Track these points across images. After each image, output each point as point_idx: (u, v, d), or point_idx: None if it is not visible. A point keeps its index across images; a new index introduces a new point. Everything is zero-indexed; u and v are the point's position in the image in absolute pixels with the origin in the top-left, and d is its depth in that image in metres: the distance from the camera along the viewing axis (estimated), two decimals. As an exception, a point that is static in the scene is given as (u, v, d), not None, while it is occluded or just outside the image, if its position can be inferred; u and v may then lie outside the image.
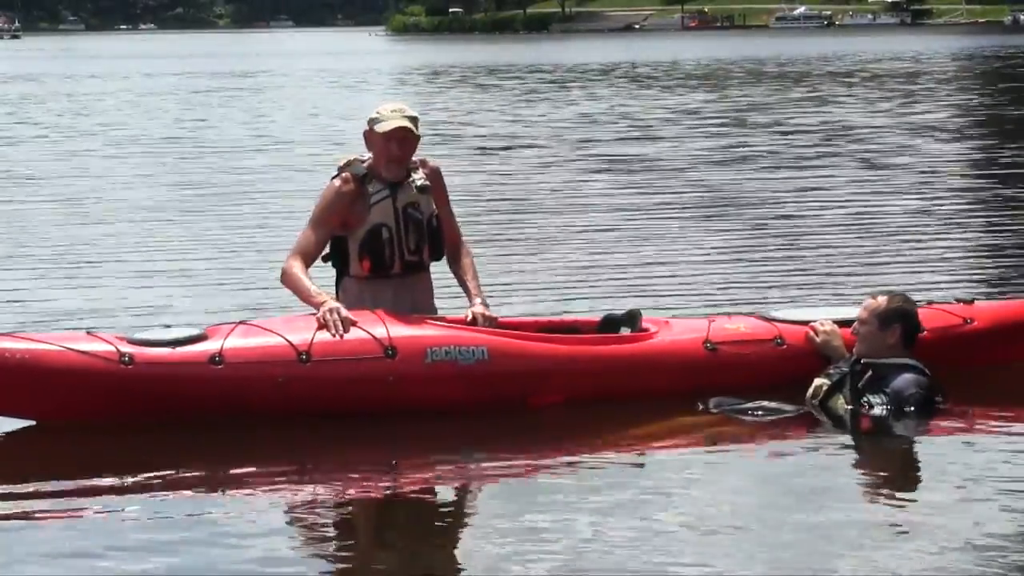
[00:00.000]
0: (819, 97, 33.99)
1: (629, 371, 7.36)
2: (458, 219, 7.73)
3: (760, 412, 7.15)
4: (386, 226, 7.39)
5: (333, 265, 7.55)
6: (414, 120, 7.43)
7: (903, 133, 23.90)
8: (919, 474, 6.54)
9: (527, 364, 7.23)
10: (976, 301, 8.08)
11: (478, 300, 7.51)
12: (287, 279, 7.34)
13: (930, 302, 8.18)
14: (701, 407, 7.21)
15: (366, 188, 7.38)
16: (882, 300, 7.20)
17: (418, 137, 7.46)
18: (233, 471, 6.57)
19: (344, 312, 7.13)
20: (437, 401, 7.13)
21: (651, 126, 26.09)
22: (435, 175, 7.56)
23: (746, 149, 21.39)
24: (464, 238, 7.76)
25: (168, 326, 7.51)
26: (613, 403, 7.22)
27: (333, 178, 7.47)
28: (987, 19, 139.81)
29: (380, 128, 7.39)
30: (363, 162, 7.48)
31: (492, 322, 7.44)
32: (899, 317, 7.14)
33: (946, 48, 71.44)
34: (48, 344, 7.01)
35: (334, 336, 7.07)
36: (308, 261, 7.36)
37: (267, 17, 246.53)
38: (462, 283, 7.63)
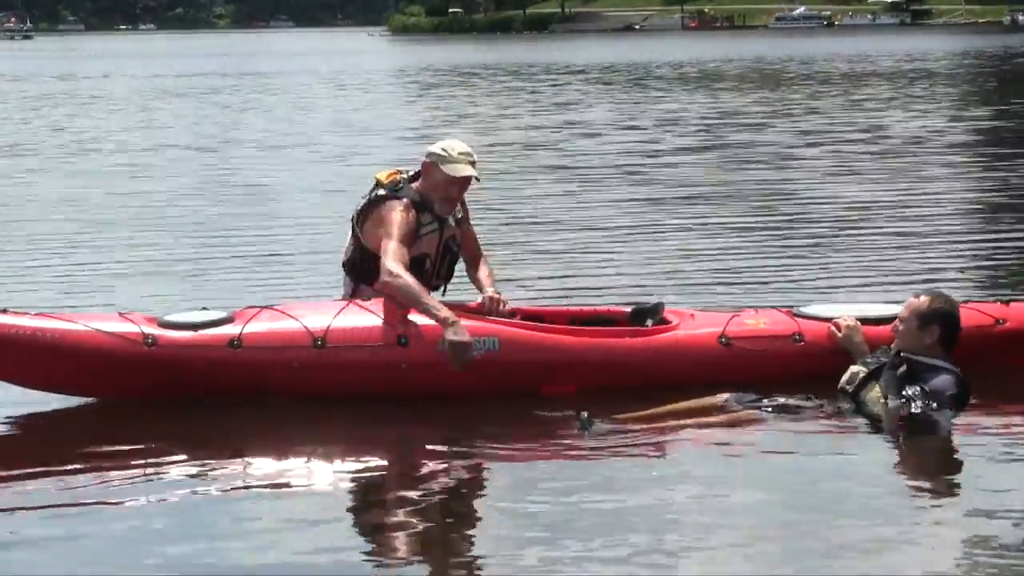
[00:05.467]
0: (842, 96, 33.88)
1: (641, 364, 7.39)
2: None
3: (779, 409, 7.09)
4: (429, 257, 7.56)
5: (351, 272, 7.66)
6: (475, 164, 7.59)
7: (936, 132, 23.87)
8: (949, 477, 6.43)
9: (538, 355, 7.29)
10: (1012, 302, 8.00)
11: (491, 288, 7.65)
12: (402, 283, 7.19)
13: (965, 301, 8.11)
14: (723, 402, 7.14)
15: (420, 217, 7.49)
16: (924, 300, 7.13)
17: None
18: (241, 453, 6.65)
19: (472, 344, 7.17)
20: (449, 389, 7.20)
21: (681, 127, 25.94)
22: (464, 203, 7.71)
23: (782, 148, 21.35)
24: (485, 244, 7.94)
25: (205, 308, 7.61)
26: (628, 394, 7.19)
27: (384, 197, 7.48)
28: (987, 19, 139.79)
29: (448, 170, 7.48)
30: (408, 179, 7.57)
31: (500, 304, 7.55)
32: (939, 318, 7.07)
33: (953, 48, 71.36)
34: (78, 324, 7.18)
35: (459, 368, 7.13)
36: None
37: (267, 17, 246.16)
38: (479, 281, 7.74)
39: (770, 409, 7.09)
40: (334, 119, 29.21)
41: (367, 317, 7.24)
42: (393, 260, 7.23)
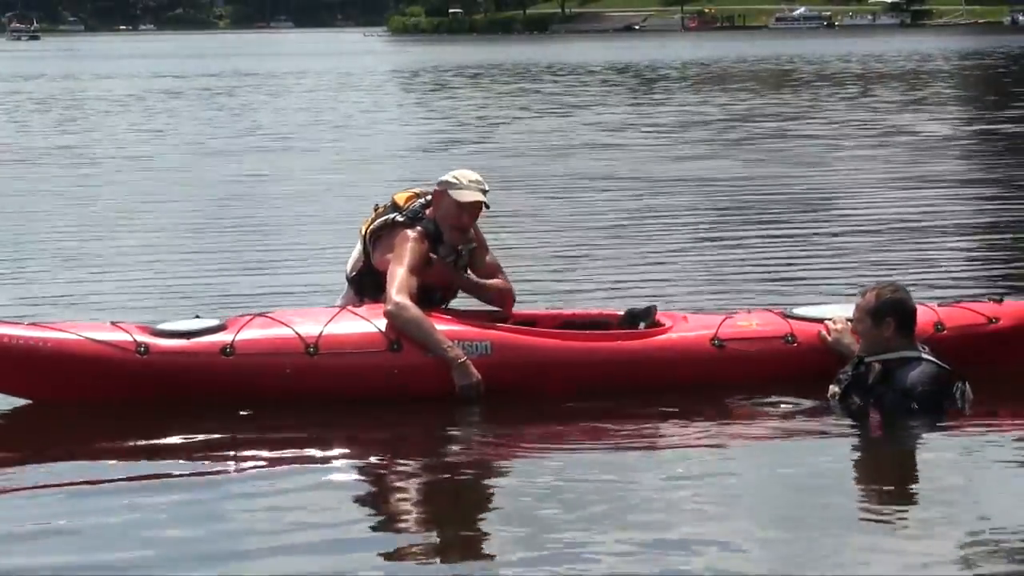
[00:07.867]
0: (844, 99, 33.82)
1: (633, 366, 7.40)
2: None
3: (777, 412, 7.12)
4: (440, 289, 7.57)
5: (357, 287, 7.68)
6: (486, 193, 7.57)
7: (931, 131, 23.92)
8: (940, 477, 6.39)
9: (530, 358, 7.32)
10: (1006, 300, 7.95)
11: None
12: (410, 316, 7.21)
13: (957, 301, 8.12)
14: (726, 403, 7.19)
15: (435, 249, 7.48)
16: (870, 296, 7.07)
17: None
18: (239, 450, 6.70)
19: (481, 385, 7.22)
20: (442, 393, 7.20)
21: (679, 129, 25.92)
22: (477, 231, 7.68)
23: (779, 151, 21.38)
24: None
25: (197, 316, 7.62)
26: (622, 396, 7.25)
27: (401, 224, 7.48)
28: (987, 19, 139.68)
29: (458, 197, 7.46)
30: (424, 205, 7.55)
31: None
32: (890, 309, 7.00)
33: (958, 47, 71.40)
34: (70, 333, 7.20)
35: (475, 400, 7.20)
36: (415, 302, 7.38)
37: (267, 18, 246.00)
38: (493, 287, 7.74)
39: (768, 412, 7.11)
40: (334, 122, 29.21)
41: (359, 323, 7.26)
42: (400, 291, 7.23)
